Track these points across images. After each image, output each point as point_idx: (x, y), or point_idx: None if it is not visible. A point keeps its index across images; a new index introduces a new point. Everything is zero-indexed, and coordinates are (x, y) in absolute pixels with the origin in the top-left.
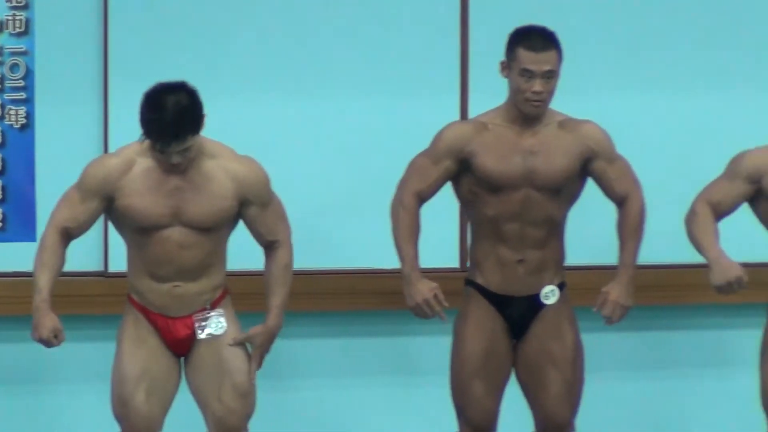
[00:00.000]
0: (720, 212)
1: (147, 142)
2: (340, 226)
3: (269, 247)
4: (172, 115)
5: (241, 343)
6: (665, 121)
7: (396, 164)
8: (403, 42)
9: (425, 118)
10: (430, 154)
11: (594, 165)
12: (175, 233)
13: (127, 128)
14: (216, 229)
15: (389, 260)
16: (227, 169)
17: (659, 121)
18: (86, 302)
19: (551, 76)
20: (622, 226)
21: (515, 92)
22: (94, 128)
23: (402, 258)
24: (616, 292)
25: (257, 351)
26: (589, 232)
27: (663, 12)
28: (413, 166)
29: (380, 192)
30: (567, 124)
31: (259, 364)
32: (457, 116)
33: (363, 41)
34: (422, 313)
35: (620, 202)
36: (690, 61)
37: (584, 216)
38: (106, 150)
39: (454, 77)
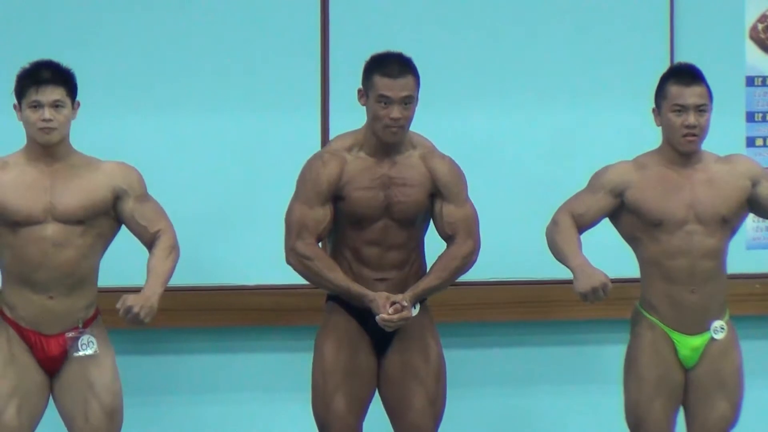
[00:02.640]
0: (582, 224)
1: (24, 147)
2: (207, 242)
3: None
4: (47, 63)
5: (109, 361)
6: (526, 137)
7: (259, 180)
8: (266, 60)
9: (287, 135)
10: (307, 199)
11: (436, 200)
12: (48, 230)
13: None
14: (89, 224)
15: (254, 276)
16: (100, 167)
17: (520, 138)
18: None
19: (409, 101)
20: (441, 257)
21: (373, 119)
22: None
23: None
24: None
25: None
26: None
27: (521, 30)
28: (291, 216)
29: (244, 208)
30: (426, 156)
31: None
32: (318, 134)
33: (229, 59)
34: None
35: (448, 240)
36: (548, 78)
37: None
38: None
39: (315, 95)
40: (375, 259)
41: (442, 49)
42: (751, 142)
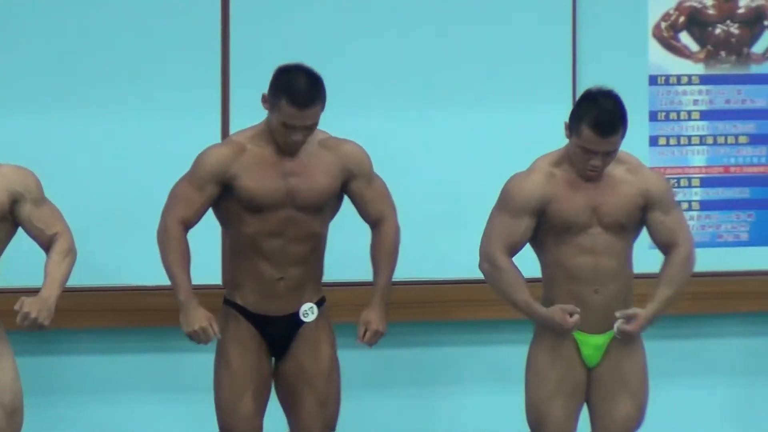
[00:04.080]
0: (515, 253)
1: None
2: (105, 243)
3: None
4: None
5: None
6: (430, 138)
7: (158, 183)
8: (166, 63)
9: (187, 137)
10: (193, 180)
11: (352, 185)
12: None
13: None
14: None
15: (152, 277)
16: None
17: (424, 139)
18: None
19: (312, 128)
20: (376, 249)
21: (275, 131)
22: None
23: (176, 286)
24: (375, 321)
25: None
26: (348, 248)
27: (425, 30)
28: (176, 194)
29: (143, 210)
30: (328, 143)
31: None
32: (218, 136)
33: (129, 61)
34: (198, 339)
35: (375, 224)
36: (452, 79)
37: (344, 232)
38: None
39: (216, 97)
40: (277, 252)
41: (345, 50)
42: (654, 141)
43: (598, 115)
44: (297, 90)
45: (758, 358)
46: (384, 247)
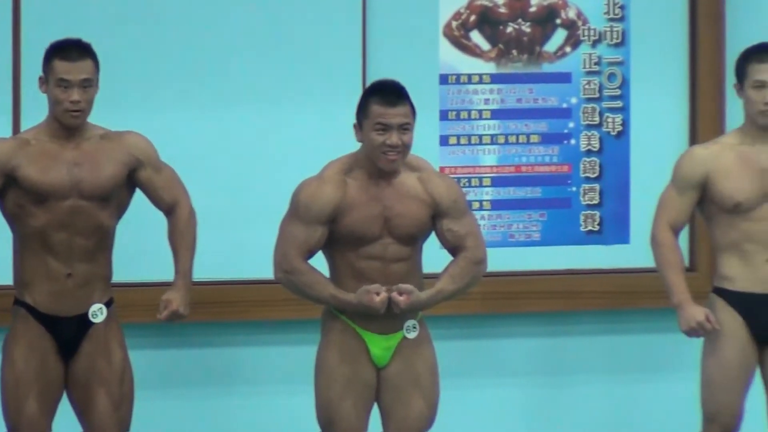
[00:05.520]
0: (311, 257)
1: None
2: None
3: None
4: None
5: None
6: (222, 138)
7: None
8: None
9: None
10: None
11: (140, 174)
12: None
13: None
14: None
15: None
16: None
17: (217, 139)
18: None
19: (88, 84)
20: (174, 235)
21: (54, 104)
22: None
23: None
24: (177, 300)
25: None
26: (139, 248)
27: (215, 29)
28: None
29: None
30: (110, 135)
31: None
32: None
33: None
34: None
35: (169, 210)
36: (245, 78)
37: (134, 232)
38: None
39: (7, 97)
40: (64, 246)
41: (139, 49)
42: (444, 140)
43: (381, 88)
44: (65, 46)
45: (549, 358)
46: (181, 232)
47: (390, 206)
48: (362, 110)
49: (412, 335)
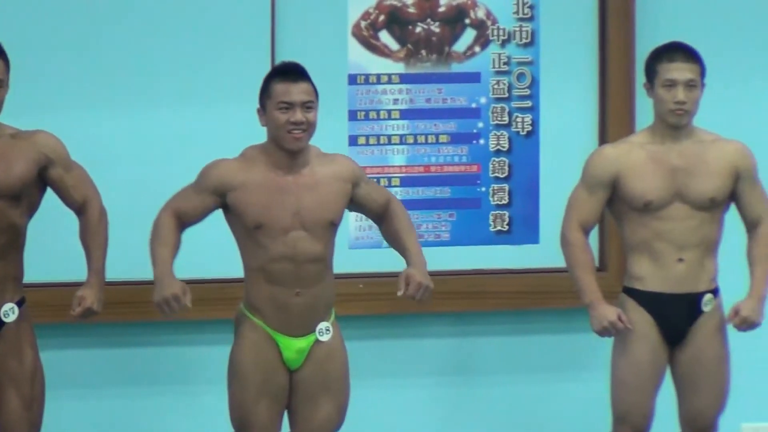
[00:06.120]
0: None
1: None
2: None
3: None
4: None
5: None
6: (131, 136)
7: None
8: None
9: None
10: None
11: (51, 172)
12: None
13: None
14: None
15: None
16: None
17: (125, 138)
18: None
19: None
20: (86, 234)
21: None
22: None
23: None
24: (90, 297)
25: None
26: (49, 248)
27: (124, 26)
28: None
29: None
30: (20, 134)
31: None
32: None
33: None
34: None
35: (80, 209)
36: (153, 78)
37: (45, 232)
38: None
39: None
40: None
41: (48, 48)
42: (353, 140)
43: (282, 68)
44: None
45: (459, 358)
46: (93, 230)
47: (300, 197)
48: (265, 92)
49: (325, 338)
